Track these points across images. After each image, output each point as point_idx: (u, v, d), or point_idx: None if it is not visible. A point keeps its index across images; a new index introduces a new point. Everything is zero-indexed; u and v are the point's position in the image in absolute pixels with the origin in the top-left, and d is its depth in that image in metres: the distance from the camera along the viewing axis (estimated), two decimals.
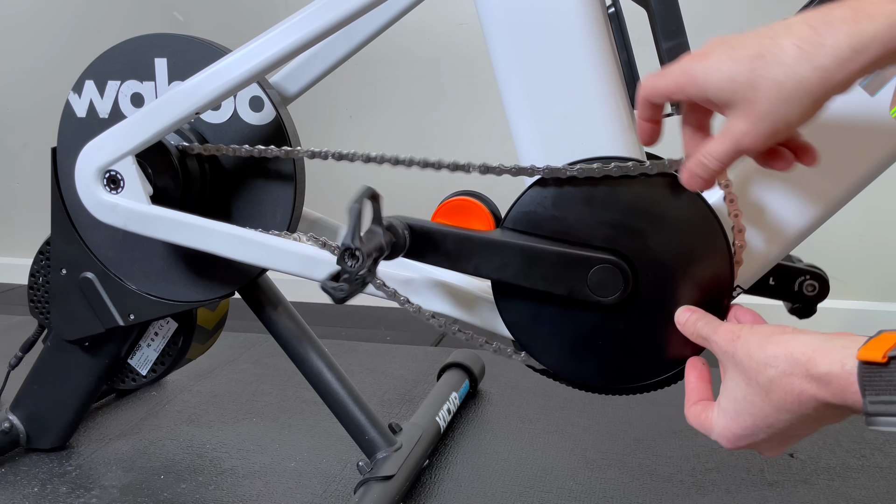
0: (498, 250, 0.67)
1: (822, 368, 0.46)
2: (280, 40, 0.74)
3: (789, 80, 0.48)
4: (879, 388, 0.44)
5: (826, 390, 0.47)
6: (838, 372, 0.46)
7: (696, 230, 0.65)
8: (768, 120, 0.50)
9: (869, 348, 0.44)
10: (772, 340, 0.51)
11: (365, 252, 0.61)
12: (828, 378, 0.46)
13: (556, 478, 0.97)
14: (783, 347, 0.50)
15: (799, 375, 0.48)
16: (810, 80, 0.48)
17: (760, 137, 0.51)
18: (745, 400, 0.53)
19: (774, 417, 0.51)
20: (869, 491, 0.94)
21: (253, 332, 1.42)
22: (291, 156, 0.80)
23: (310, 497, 0.93)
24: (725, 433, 0.55)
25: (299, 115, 0.90)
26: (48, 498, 0.93)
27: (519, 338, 0.71)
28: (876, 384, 0.44)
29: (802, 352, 0.48)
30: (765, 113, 0.50)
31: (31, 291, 1.04)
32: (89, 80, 0.89)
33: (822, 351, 0.47)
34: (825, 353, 0.47)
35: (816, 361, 0.47)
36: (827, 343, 0.48)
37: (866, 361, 0.44)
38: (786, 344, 0.50)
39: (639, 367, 0.69)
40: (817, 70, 0.47)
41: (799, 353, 0.48)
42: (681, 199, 0.65)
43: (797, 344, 0.49)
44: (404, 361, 1.40)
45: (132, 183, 0.81)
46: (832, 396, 0.46)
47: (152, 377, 1.05)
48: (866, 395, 0.44)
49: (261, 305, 0.94)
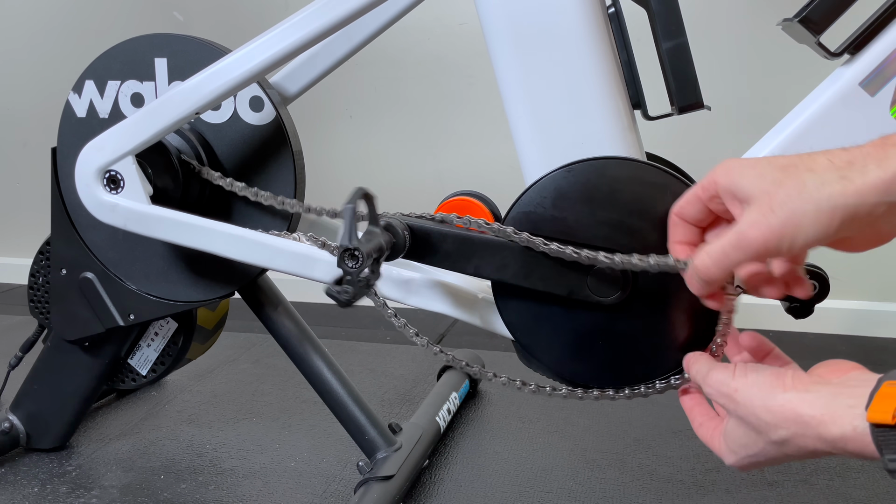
0: (498, 251, 0.67)
1: (834, 432, 0.46)
2: (280, 40, 0.74)
3: (813, 183, 0.47)
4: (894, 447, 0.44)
5: (841, 448, 0.47)
6: (852, 435, 0.46)
7: None
8: (781, 213, 0.48)
9: (877, 408, 0.44)
10: (776, 402, 0.50)
11: (364, 252, 0.61)
12: (842, 441, 0.46)
13: (556, 478, 0.97)
14: (791, 411, 0.49)
15: (812, 437, 0.48)
16: (835, 187, 0.47)
17: (767, 231, 0.49)
18: (754, 447, 0.53)
19: (784, 459, 0.52)
20: (869, 491, 0.94)
21: (253, 332, 1.42)
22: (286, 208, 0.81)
23: (310, 497, 0.93)
24: (739, 465, 0.56)
25: (299, 115, 0.90)
26: (48, 498, 0.93)
27: (519, 338, 0.71)
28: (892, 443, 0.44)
29: (812, 416, 0.48)
30: (779, 204, 0.48)
31: (31, 291, 1.04)
32: (89, 80, 0.89)
33: (830, 414, 0.47)
34: (834, 417, 0.47)
35: (827, 426, 0.47)
36: (833, 404, 0.47)
37: (878, 424, 0.44)
38: (793, 408, 0.49)
39: (639, 368, 0.69)
40: (843, 180, 0.47)
41: (808, 416, 0.48)
42: None
43: (803, 406, 0.48)
44: (404, 361, 1.40)
45: (132, 183, 0.81)
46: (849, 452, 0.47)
47: (152, 377, 1.05)
48: (884, 454, 0.44)
49: (261, 305, 0.94)
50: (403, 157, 1.75)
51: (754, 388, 0.52)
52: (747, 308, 1.12)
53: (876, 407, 0.44)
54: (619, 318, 0.68)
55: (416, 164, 1.74)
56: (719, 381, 0.55)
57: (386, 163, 1.76)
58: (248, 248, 0.80)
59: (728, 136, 1.50)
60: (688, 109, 0.72)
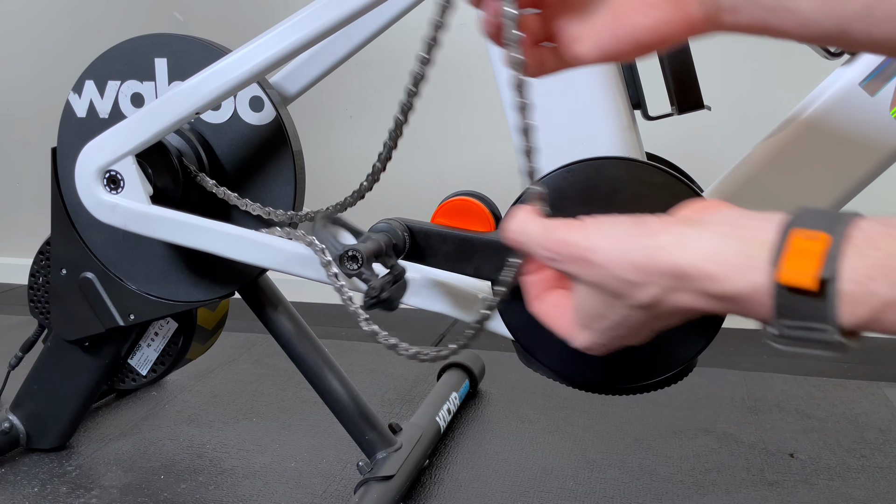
0: (497, 251, 0.67)
1: (725, 288, 0.37)
2: (280, 40, 0.74)
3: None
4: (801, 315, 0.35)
5: (725, 306, 0.38)
6: (748, 293, 0.36)
7: None
8: None
9: (793, 267, 0.35)
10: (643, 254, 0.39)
11: (364, 252, 0.61)
12: (734, 298, 0.37)
13: (556, 478, 0.97)
14: (665, 263, 0.38)
15: (691, 293, 0.38)
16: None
17: None
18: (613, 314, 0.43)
19: (653, 325, 0.43)
20: (869, 491, 0.94)
21: (253, 332, 1.42)
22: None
23: (310, 497, 0.93)
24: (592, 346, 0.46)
25: (299, 115, 0.90)
26: (48, 498, 0.93)
27: (519, 339, 0.71)
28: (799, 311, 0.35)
29: (694, 266, 0.37)
30: None
31: (31, 291, 1.04)
32: (89, 80, 0.89)
33: (719, 264, 0.37)
34: (725, 269, 0.37)
35: (716, 280, 0.37)
36: (721, 251, 0.37)
37: (791, 287, 0.35)
38: (667, 258, 0.38)
39: (639, 367, 0.69)
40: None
41: (689, 267, 0.38)
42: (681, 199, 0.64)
43: (682, 255, 0.38)
44: (404, 361, 1.40)
45: (132, 183, 0.81)
46: (734, 310, 0.38)
47: (152, 377, 1.05)
48: (780, 318, 0.36)
49: (261, 305, 0.94)
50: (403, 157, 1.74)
51: (613, 243, 0.41)
52: None
53: (791, 265, 0.35)
54: None
55: (416, 164, 1.74)
56: (565, 243, 0.43)
57: None
58: (248, 248, 0.80)
59: (728, 136, 1.50)
60: (688, 109, 0.72)
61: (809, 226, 0.36)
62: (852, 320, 0.34)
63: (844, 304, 0.34)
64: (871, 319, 0.34)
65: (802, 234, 0.35)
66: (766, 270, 0.36)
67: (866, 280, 0.34)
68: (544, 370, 0.73)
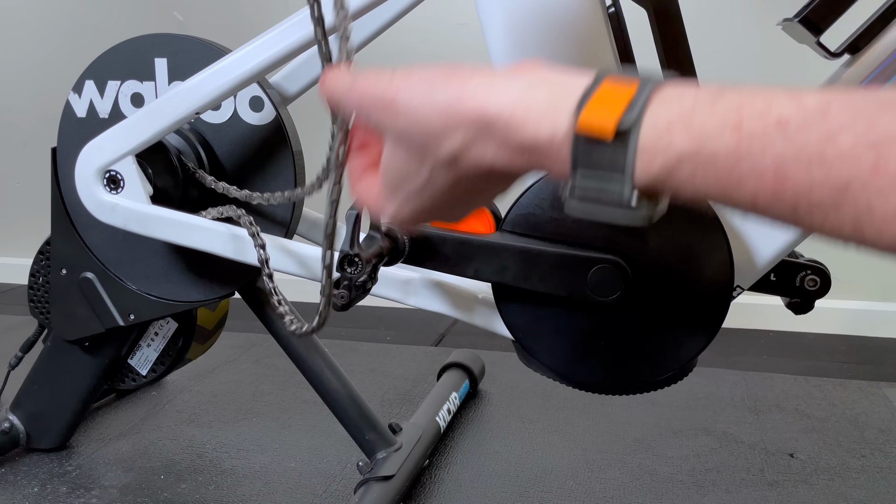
0: (497, 253, 0.67)
1: (526, 134, 0.35)
2: (280, 40, 0.74)
3: None
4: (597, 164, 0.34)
5: (528, 158, 0.36)
6: (547, 141, 0.35)
7: (696, 229, 0.65)
8: None
9: (594, 112, 0.33)
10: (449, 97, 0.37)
11: (364, 258, 0.62)
12: (533, 147, 0.35)
13: (556, 478, 0.97)
14: (471, 108, 0.36)
15: (494, 143, 0.36)
16: None
17: None
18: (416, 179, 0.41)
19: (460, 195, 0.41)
20: (869, 491, 0.94)
21: (253, 332, 1.42)
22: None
23: (310, 497, 0.93)
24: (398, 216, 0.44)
25: (299, 115, 0.90)
26: (48, 498, 0.93)
27: (519, 339, 0.71)
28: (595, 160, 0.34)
29: (499, 111, 0.36)
30: None
31: (31, 291, 1.04)
32: (89, 80, 0.89)
33: (524, 109, 0.35)
34: (529, 114, 0.35)
35: (520, 125, 0.35)
36: (529, 96, 0.36)
37: (588, 137, 0.33)
38: (474, 103, 0.37)
39: (640, 367, 0.69)
40: None
41: (494, 113, 0.36)
42: None
43: (488, 99, 0.36)
44: (404, 361, 1.40)
45: (132, 183, 0.81)
46: (534, 165, 0.37)
47: (152, 377, 1.05)
48: (578, 169, 0.34)
49: (261, 305, 0.94)
50: None
51: (421, 87, 0.39)
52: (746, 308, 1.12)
53: (593, 111, 0.33)
54: (620, 318, 0.68)
55: None
56: (372, 88, 0.41)
57: None
58: (248, 249, 0.80)
59: None
60: None
61: (622, 80, 0.34)
62: (647, 174, 0.33)
63: (641, 155, 0.33)
64: (666, 174, 0.33)
65: (612, 83, 0.34)
66: (569, 116, 0.34)
67: (665, 132, 0.32)
68: (544, 370, 0.73)
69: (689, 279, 0.65)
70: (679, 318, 0.67)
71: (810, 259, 0.78)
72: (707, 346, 0.67)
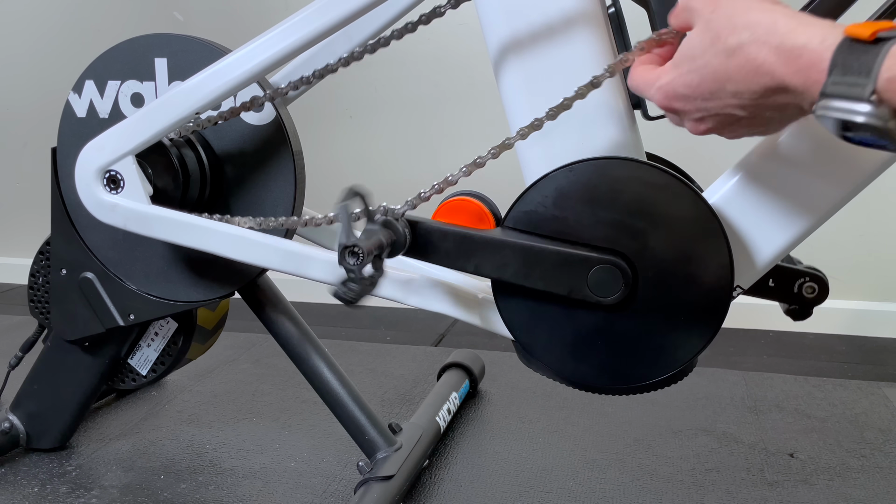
0: (498, 249, 0.68)
1: (799, 40, 0.45)
2: (280, 40, 0.74)
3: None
4: (850, 68, 0.42)
5: (790, 67, 0.45)
6: (815, 46, 0.44)
7: (696, 230, 0.65)
8: None
9: (861, 26, 0.43)
10: (761, 6, 0.48)
11: (365, 249, 0.61)
12: (800, 51, 0.45)
13: (556, 478, 0.97)
14: (769, 16, 0.47)
15: (771, 45, 0.46)
16: None
17: None
18: (702, 58, 0.50)
19: (721, 85, 0.50)
20: (869, 491, 0.94)
21: (253, 332, 1.42)
22: None
23: (310, 497, 0.93)
24: (667, 87, 0.54)
25: (299, 115, 0.90)
26: (48, 498, 0.93)
27: (518, 337, 0.71)
28: (849, 64, 0.42)
29: (787, 23, 0.46)
30: None
31: (31, 291, 1.04)
32: (89, 80, 0.89)
33: (807, 24, 0.45)
34: (809, 27, 0.45)
35: (797, 33, 0.45)
36: (813, 24, 0.45)
37: (852, 37, 0.42)
38: (773, 13, 0.47)
39: (640, 367, 0.69)
40: None
41: (783, 23, 0.46)
42: (681, 199, 0.65)
43: (786, 18, 0.47)
44: (404, 361, 1.40)
45: (132, 183, 0.81)
46: (793, 75, 0.45)
47: (152, 377, 1.05)
48: (833, 73, 0.43)
49: (261, 305, 0.94)
50: (403, 157, 1.75)
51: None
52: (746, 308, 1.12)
53: (857, 28, 0.43)
54: (620, 318, 0.68)
55: (416, 164, 1.74)
56: None
57: (386, 163, 1.76)
58: (248, 248, 0.80)
59: None
60: None
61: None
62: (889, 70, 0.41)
63: (887, 61, 0.41)
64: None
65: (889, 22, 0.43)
66: (839, 33, 0.43)
67: None
68: (544, 370, 0.73)
69: (689, 279, 0.66)
70: (679, 317, 0.67)
71: (809, 266, 0.78)
72: (707, 346, 0.67)
